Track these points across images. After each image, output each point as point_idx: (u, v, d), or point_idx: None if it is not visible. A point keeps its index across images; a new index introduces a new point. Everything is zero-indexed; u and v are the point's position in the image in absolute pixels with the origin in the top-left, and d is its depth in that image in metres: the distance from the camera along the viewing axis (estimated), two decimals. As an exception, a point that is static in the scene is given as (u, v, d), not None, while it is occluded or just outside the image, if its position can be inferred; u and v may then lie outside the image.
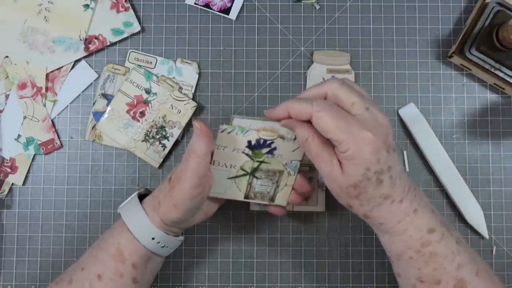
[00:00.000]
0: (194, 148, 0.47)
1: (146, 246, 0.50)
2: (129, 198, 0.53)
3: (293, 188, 0.54)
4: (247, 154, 0.51)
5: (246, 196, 0.54)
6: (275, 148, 0.50)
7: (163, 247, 0.51)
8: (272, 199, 0.54)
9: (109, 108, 0.62)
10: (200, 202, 0.50)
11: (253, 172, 0.52)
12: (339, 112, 0.44)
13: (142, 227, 0.50)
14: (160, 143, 0.62)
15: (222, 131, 0.49)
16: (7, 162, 0.63)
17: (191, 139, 0.48)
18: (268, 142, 0.50)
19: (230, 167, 0.51)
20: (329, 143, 0.45)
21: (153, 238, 0.50)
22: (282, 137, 0.50)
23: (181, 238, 0.54)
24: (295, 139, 0.50)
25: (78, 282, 0.50)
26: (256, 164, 0.51)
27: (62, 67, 0.64)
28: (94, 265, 0.50)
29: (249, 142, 0.50)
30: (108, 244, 0.51)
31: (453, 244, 0.47)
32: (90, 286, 0.50)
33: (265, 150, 0.50)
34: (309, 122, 0.45)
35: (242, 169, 0.52)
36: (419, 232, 0.46)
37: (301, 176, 0.53)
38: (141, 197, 0.53)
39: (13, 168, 0.63)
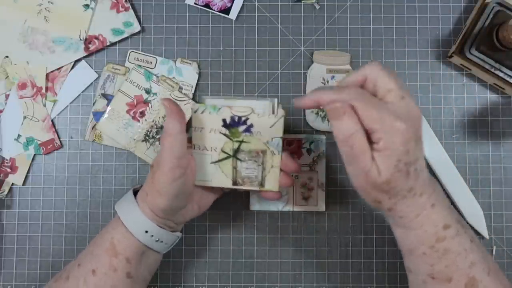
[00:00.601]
0: (167, 128, 0.47)
1: (139, 239, 0.50)
2: (125, 195, 0.53)
3: (281, 170, 0.52)
4: (224, 134, 0.50)
5: (234, 182, 0.52)
6: (251, 125, 0.50)
7: (157, 241, 0.51)
8: (261, 184, 0.52)
9: (109, 108, 0.62)
10: (184, 186, 0.49)
11: (235, 154, 0.51)
12: (372, 101, 0.43)
13: (135, 220, 0.50)
14: (160, 143, 0.62)
15: (196, 111, 0.49)
16: (7, 162, 0.63)
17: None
18: (243, 118, 0.49)
19: (211, 150, 0.51)
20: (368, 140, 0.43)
21: (146, 232, 0.50)
22: (257, 113, 0.49)
23: (178, 234, 0.53)
24: (271, 114, 0.49)
25: (75, 278, 0.50)
26: (236, 145, 0.51)
27: (62, 67, 0.64)
28: (90, 261, 0.51)
29: (224, 120, 0.49)
30: (103, 239, 0.51)
31: (467, 242, 0.46)
32: (85, 281, 0.50)
33: (242, 128, 0.50)
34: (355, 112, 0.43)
35: (223, 151, 0.51)
36: (435, 228, 0.45)
37: (286, 155, 0.51)
38: (136, 193, 0.53)
39: (13, 168, 0.63)
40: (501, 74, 0.60)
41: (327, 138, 0.62)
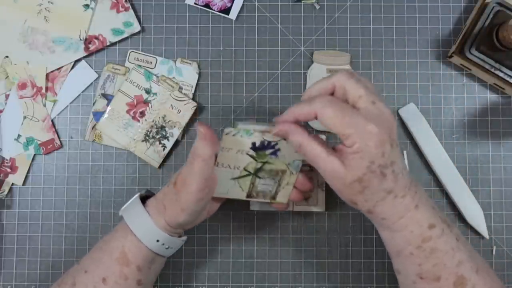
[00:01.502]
0: (199, 151, 0.47)
1: (150, 248, 0.50)
2: (130, 200, 0.53)
3: (294, 187, 0.54)
4: (251, 156, 0.51)
5: (249, 195, 0.54)
6: (279, 149, 0.51)
7: (167, 248, 0.51)
8: (273, 197, 0.54)
9: (109, 108, 0.62)
10: (206, 204, 0.51)
11: (256, 172, 0.52)
12: (344, 107, 0.44)
13: (147, 230, 0.50)
14: (160, 143, 0.62)
15: (227, 134, 0.49)
16: (7, 162, 0.63)
17: (194, 142, 0.48)
18: (273, 144, 0.50)
19: (234, 168, 0.51)
20: (323, 143, 0.46)
21: (157, 240, 0.50)
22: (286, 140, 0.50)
23: (184, 238, 0.54)
24: None
25: (82, 285, 0.50)
26: (259, 165, 0.52)
27: (62, 67, 0.64)
28: (98, 268, 0.50)
29: (254, 144, 0.50)
30: (112, 247, 0.51)
31: (453, 241, 0.47)
32: None
33: (269, 151, 0.51)
34: (301, 126, 0.47)
35: (246, 170, 0.52)
36: (420, 228, 0.46)
37: (303, 175, 0.53)
38: (142, 199, 0.53)
39: (13, 168, 0.63)
40: (501, 74, 0.60)
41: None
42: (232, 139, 0.49)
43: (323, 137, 0.62)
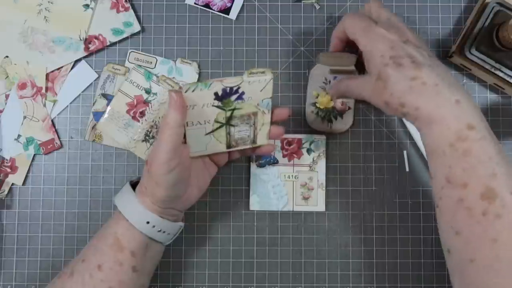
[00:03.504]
0: (168, 119, 0.47)
1: (142, 231, 0.50)
2: (122, 187, 0.53)
3: (272, 123, 0.53)
4: (217, 106, 0.50)
5: (228, 146, 0.53)
6: (243, 93, 0.50)
7: (159, 231, 0.51)
8: (254, 141, 0.54)
9: (109, 108, 0.62)
10: (180, 176, 0.50)
11: (228, 122, 0.51)
12: (361, 18, 0.52)
13: (135, 213, 0.50)
14: (157, 133, 0.62)
15: (186, 91, 0.48)
16: (7, 162, 0.63)
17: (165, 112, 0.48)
18: (235, 88, 0.49)
19: (205, 123, 0.51)
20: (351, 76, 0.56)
21: (147, 222, 0.50)
22: (247, 80, 0.49)
23: (181, 223, 0.54)
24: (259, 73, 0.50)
25: (79, 273, 0.50)
26: (229, 113, 0.51)
27: (62, 67, 0.64)
28: (94, 256, 0.51)
29: (216, 94, 0.49)
30: (106, 234, 0.51)
31: (491, 150, 0.43)
32: (90, 276, 0.50)
33: (233, 97, 0.50)
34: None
35: (217, 121, 0.51)
36: (458, 124, 0.43)
37: (277, 109, 0.53)
38: (134, 186, 0.53)
39: (13, 168, 0.63)
40: (501, 74, 0.60)
41: (327, 138, 0.62)
42: (193, 94, 0.48)
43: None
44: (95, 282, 0.50)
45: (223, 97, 0.49)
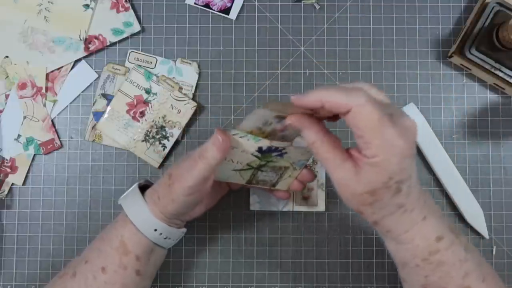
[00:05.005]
0: (208, 155, 0.46)
1: (149, 237, 0.50)
2: (129, 190, 0.53)
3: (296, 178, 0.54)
4: (256, 156, 0.50)
5: (248, 182, 0.54)
6: (285, 153, 0.50)
7: (165, 238, 0.52)
8: (273, 185, 0.54)
9: (109, 108, 0.62)
10: (198, 200, 0.50)
11: (259, 168, 0.52)
12: (375, 106, 0.38)
13: (145, 219, 0.50)
14: (160, 143, 0.62)
15: (234, 135, 0.47)
16: (7, 162, 0.63)
17: (205, 143, 0.47)
18: (280, 149, 0.49)
19: (237, 163, 0.51)
20: (338, 145, 0.42)
21: (155, 230, 0.50)
22: (294, 146, 0.50)
23: (184, 230, 0.54)
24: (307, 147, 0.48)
25: (82, 274, 0.50)
26: (263, 163, 0.51)
27: (62, 67, 0.64)
28: (98, 257, 0.51)
29: (260, 148, 0.49)
30: (111, 236, 0.51)
31: (461, 252, 0.45)
32: (94, 278, 0.50)
33: (275, 154, 0.50)
34: (318, 122, 0.43)
35: (249, 165, 0.51)
36: (427, 241, 0.44)
37: (307, 170, 0.54)
38: (141, 189, 0.53)
39: (13, 168, 0.63)
40: (501, 74, 0.60)
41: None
42: (239, 140, 0.48)
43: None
44: (99, 284, 0.50)
45: (265, 152, 0.50)
